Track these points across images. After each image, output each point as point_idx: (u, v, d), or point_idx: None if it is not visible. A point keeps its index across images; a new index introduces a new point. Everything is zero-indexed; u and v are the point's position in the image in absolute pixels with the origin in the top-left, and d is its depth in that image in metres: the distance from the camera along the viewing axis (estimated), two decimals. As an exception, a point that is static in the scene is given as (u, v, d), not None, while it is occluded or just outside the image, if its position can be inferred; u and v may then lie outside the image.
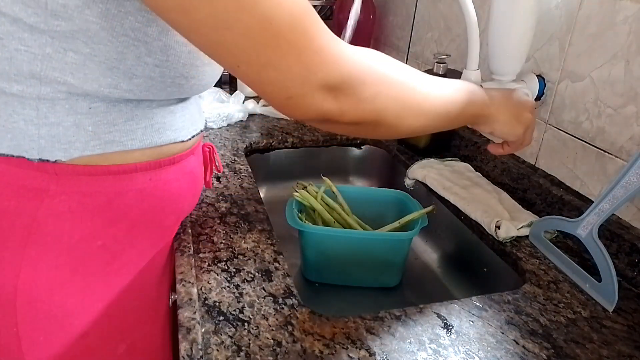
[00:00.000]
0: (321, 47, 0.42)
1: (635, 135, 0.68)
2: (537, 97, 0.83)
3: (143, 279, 0.60)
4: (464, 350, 0.53)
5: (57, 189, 0.50)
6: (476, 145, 0.98)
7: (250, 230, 0.72)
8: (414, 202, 0.80)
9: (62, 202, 0.51)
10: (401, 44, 1.33)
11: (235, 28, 0.38)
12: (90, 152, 0.50)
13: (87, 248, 0.53)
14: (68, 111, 0.48)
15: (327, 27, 0.44)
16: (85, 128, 0.49)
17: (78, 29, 0.44)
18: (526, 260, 0.71)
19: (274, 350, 0.51)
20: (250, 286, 0.60)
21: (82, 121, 0.49)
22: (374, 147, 1.14)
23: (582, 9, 0.74)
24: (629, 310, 0.62)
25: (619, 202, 0.62)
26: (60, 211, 0.51)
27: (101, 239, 0.54)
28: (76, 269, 0.54)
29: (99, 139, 0.50)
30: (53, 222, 0.51)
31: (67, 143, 0.49)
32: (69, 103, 0.48)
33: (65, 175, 0.50)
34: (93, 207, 0.52)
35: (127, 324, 0.61)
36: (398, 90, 0.49)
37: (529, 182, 0.85)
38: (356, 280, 0.80)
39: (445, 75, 0.97)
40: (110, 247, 0.55)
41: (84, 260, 0.54)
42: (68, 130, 0.48)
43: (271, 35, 0.39)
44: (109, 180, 0.52)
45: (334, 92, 0.44)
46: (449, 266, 0.89)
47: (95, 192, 0.52)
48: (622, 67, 0.69)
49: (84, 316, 0.56)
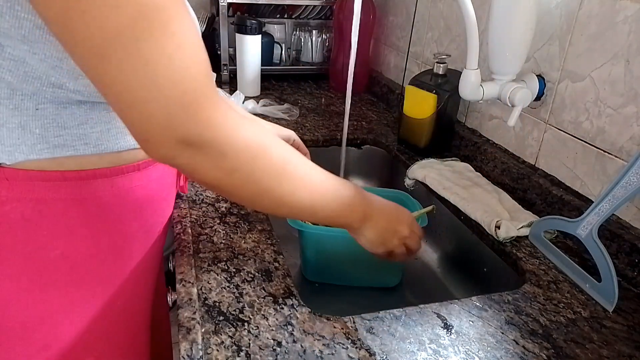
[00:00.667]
0: (201, 107, 0.40)
1: (635, 135, 0.68)
2: (537, 97, 0.83)
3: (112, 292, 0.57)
4: (464, 350, 0.53)
5: (9, 194, 0.47)
6: (476, 145, 0.98)
7: (250, 230, 0.71)
8: (413, 202, 0.80)
9: (15, 209, 0.48)
10: (401, 44, 1.33)
11: (112, 57, 0.36)
12: (37, 156, 0.47)
13: (44, 257, 0.51)
14: (12, 112, 0.45)
15: (217, 91, 0.42)
16: (32, 130, 0.46)
17: (10, 25, 0.41)
18: (526, 260, 0.71)
19: (274, 350, 0.51)
20: (250, 286, 0.60)
21: (28, 123, 0.46)
22: (374, 147, 1.14)
23: (582, 9, 0.74)
24: (629, 310, 0.62)
25: (619, 202, 0.62)
26: (13, 219, 0.48)
27: (60, 248, 0.51)
28: (33, 279, 0.51)
29: (46, 143, 0.47)
30: (5, 230, 0.48)
31: (12, 146, 0.46)
32: (13, 103, 0.45)
33: (17, 180, 0.47)
34: (49, 214, 0.50)
35: (93, 338, 0.58)
36: (262, 176, 0.46)
37: (529, 182, 0.85)
38: (356, 280, 0.80)
39: (445, 75, 0.98)
40: (70, 257, 0.52)
41: (42, 270, 0.51)
42: (12, 132, 0.46)
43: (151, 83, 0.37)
44: (65, 187, 0.50)
45: (191, 150, 0.41)
46: (449, 266, 0.89)
47: (50, 198, 0.49)
48: (622, 67, 0.69)
49: (46, 328, 0.53)
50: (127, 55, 0.36)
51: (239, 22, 1.30)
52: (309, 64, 1.59)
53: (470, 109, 1.04)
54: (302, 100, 1.38)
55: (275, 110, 1.22)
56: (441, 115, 0.98)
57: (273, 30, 1.56)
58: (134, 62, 0.36)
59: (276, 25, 1.58)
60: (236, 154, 0.44)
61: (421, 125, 1.01)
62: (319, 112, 1.29)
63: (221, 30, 1.35)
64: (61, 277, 0.53)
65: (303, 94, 1.45)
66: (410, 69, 1.28)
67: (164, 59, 0.37)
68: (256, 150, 0.45)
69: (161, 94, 0.38)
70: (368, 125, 1.21)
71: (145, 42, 0.36)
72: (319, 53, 1.58)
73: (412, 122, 1.03)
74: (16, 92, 0.45)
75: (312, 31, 1.56)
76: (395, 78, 1.38)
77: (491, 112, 0.97)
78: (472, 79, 0.79)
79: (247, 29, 1.29)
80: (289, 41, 1.61)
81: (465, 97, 0.81)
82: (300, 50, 1.60)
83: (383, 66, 1.46)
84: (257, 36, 1.32)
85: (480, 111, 1.01)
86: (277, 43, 1.53)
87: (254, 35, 1.31)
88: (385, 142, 1.12)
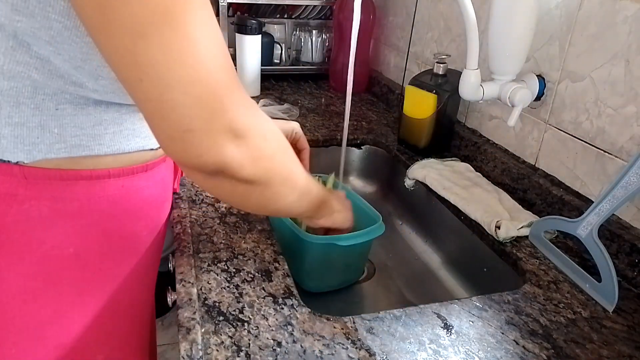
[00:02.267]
0: (238, 94, 0.41)
1: (635, 135, 0.68)
2: (537, 97, 0.83)
3: (119, 289, 0.59)
4: (464, 350, 0.53)
5: (27, 193, 0.48)
6: (476, 145, 0.98)
7: (250, 230, 0.71)
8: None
9: (32, 208, 0.49)
10: (401, 44, 1.33)
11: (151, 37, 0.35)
12: (55, 155, 0.48)
13: (59, 255, 0.52)
14: (33, 111, 0.46)
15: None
16: (51, 130, 0.47)
17: (40, 26, 0.41)
18: (526, 260, 0.71)
19: (274, 350, 0.51)
20: (250, 286, 0.60)
21: (47, 123, 0.47)
22: (374, 147, 1.14)
23: (582, 9, 0.74)
24: (629, 311, 0.62)
25: (619, 202, 0.62)
26: (31, 217, 0.49)
27: (73, 246, 0.52)
28: (49, 278, 0.52)
29: (64, 142, 0.48)
30: (23, 228, 0.49)
31: (31, 145, 0.47)
32: (34, 102, 0.46)
33: (35, 179, 0.48)
34: (65, 213, 0.50)
35: (103, 334, 0.59)
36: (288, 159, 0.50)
37: (529, 182, 0.85)
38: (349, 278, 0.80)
39: (445, 75, 0.98)
40: (82, 255, 0.53)
41: (57, 269, 0.52)
42: (32, 131, 0.47)
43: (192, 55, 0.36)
44: (80, 186, 0.50)
45: (238, 140, 0.41)
46: (449, 266, 0.89)
47: (67, 197, 0.50)
48: (622, 67, 0.69)
49: (58, 326, 0.54)
50: (172, 32, 0.35)
51: (239, 22, 1.30)
52: (309, 64, 1.59)
53: (470, 109, 1.04)
54: (302, 100, 1.38)
55: (275, 110, 1.22)
56: (441, 115, 0.98)
57: (273, 30, 1.56)
58: (180, 39, 0.35)
59: (276, 25, 1.58)
60: (272, 138, 0.46)
61: (421, 125, 1.01)
62: (319, 112, 1.29)
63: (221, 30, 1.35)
64: (74, 276, 0.54)
65: (303, 94, 1.45)
66: (410, 69, 1.28)
67: (207, 40, 0.37)
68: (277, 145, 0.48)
69: (209, 74, 0.37)
70: (368, 125, 1.21)
71: (190, 18, 0.35)
72: (319, 53, 1.58)
73: (412, 122, 1.03)
74: (38, 91, 0.46)
75: (312, 31, 1.56)
76: (395, 78, 1.38)
77: (491, 112, 0.97)
78: (472, 79, 0.79)
79: (247, 29, 1.29)
80: (289, 41, 1.61)
81: (465, 97, 0.81)
82: (300, 50, 1.60)
83: (383, 66, 1.46)
84: (257, 36, 1.32)
85: (480, 111, 1.01)
86: (277, 43, 1.53)
87: (254, 35, 1.31)
88: (385, 142, 1.12)
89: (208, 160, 0.41)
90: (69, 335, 0.55)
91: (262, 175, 0.46)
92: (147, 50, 0.35)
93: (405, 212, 1.03)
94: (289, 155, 0.51)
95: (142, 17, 0.34)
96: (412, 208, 1.01)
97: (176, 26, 0.35)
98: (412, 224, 1.00)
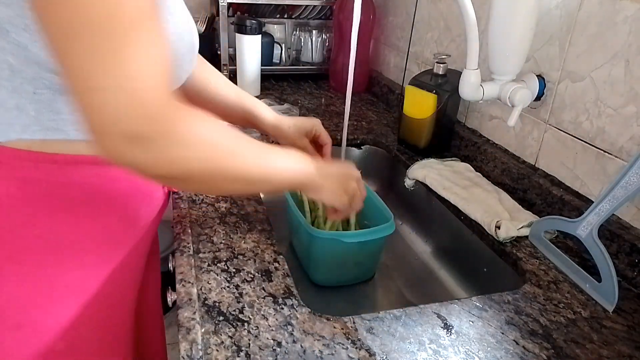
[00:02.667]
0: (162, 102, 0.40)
1: (635, 135, 0.68)
2: (537, 97, 0.83)
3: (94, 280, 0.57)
4: (464, 350, 0.53)
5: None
6: (476, 145, 0.98)
7: (250, 230, 0.71)
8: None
9: (1, 187, 0.49)
10: (401, 44, 1.33)
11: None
12: (30, 136, 0.49)
13: (24, 236, 0.52)
14: (11, 93, 0.47)
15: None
16: (28, 112, 0.48)
17: (15, 14, 0.43)
18: (526, 260, 0.71)
19: (274, 351, 0.51)
20: (250, 286, 0.60)
21: (25, 105, 0.48)
22: (374, 147, 1.14)
23: (582, 9, 0.74)
24: (629, 310, 0.62)
25: (619, 202, 0.62)
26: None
27: (38, 228, 0.52)
28: (11, 257, 0.52)
29: (40, 125, 0.49)
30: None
31: (6, 124, 0.48)
32: (12, 85, 0.47)
33: (5, 158, 0.49)
34: (33, 194, 0.51)
35: (65, 321, 0.57)
36: (219, 156, 0.48)
37: (529, 182, 0.85)
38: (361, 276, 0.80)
39: (445, 75, 0.98)
40: (47, 239, 0.53)
41: (20, 249, 0.52)
42: (9, 112, 0.48)
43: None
44: (52, 169, 0.51)
45: (143, 145, 0.41)
46: (450, 266, 0.89)
47: (36, 179, 0.50)
48: (622, 67, 0.69)
49: (19, 308, 0.54)
50: (102, 41, 0.36)
51: (238, 22, 1.30)
52: (309, 64, 1.59)
53: (470, 109, 1.04)
54: (302, 100, 1.38)
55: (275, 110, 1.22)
56: (441, 116, 0.98)
57: (273, 30, 1.56)
58: (107, 50, 0.37)
59: (276, 25, 1.58)
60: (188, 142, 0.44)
61: (421, 125, 1.01)
62: (319, 112, 1.29)
63: (221, 30, 1.35)
64: (40, 259, 0.53)
65: (303, 94, 1.45)
66: (410, 69, 1.28)
67: (138, 54, 0.38)
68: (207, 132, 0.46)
69: (128, 84, 0.38)
70: (368, 125, 1.21)
71: (127, 33, 0.37)
72: (319, 53, 1.58)
73: (412, 122, 1.03)
74: (16, 74, 0.47)
75: (312, 31, 1.56)
76: (395, 78, 1.38)
77: (491, 112, 0.97)
78: (472, 79, 0.79)
79: (247, 29, 1.29)
80: (289, 41, 1.61)
81: (465, 97, 0.81)
82: (300, 50, 1.60)
83: (383, 66, 1.46)
84: (257, 36, 1.32)
85: (480, 111, 1.01)
86: (277, 43, 1.53)
87: (254, 35, 1.31)
88: (385, 142, 1.12)
89: (117, 160, 0.42)
90: (29, 318, 0.54)
91: (180, 175, 0.46)
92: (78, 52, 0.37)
93: (405, 212, 1.03)
94: (225, 153, 0.49)
95: (78, 22, 0.36)
96: (412, 208, 1.01)
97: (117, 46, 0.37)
98: (412, 224, 1.00)
